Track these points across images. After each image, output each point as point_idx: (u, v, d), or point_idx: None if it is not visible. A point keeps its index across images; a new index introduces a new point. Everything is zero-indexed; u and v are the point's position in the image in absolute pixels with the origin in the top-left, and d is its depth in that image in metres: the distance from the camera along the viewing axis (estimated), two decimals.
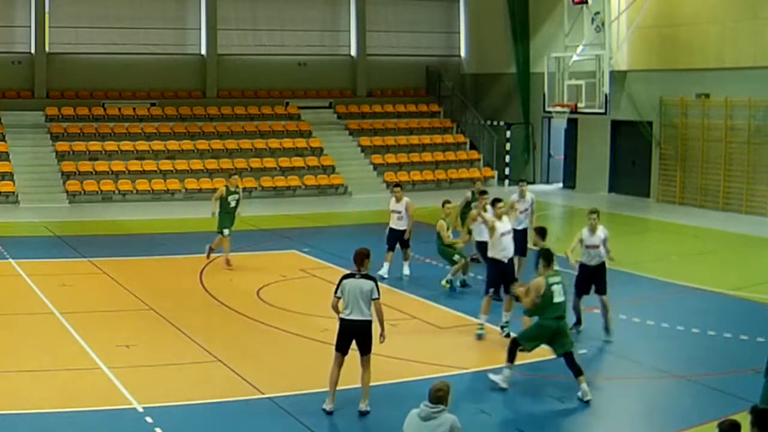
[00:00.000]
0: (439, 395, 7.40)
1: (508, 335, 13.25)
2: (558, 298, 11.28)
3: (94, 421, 10.17)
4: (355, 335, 10.57)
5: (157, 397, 10.80)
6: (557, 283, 11.32)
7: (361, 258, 10.62)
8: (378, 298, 10.61)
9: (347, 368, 10.58)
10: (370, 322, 10.62)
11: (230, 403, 10.83)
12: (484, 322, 13.86)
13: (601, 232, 13.72)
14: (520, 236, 16.13)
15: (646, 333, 14.03)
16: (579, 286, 13.77)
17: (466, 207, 18.02)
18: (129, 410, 10.38)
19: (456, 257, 16.67)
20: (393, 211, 17.78)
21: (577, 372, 11.07)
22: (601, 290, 13.56)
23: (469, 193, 18.66)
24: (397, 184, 18.90)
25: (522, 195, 17.33)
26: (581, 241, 13.74)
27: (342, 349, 10.62)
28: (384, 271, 17.34)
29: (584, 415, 10.88)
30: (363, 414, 10.52)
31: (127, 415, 10.24)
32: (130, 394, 10.82)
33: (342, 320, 10.64)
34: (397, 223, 17.70)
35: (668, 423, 10.58)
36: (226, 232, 18.47)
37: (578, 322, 13.89)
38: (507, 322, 13.70)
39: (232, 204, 18.85)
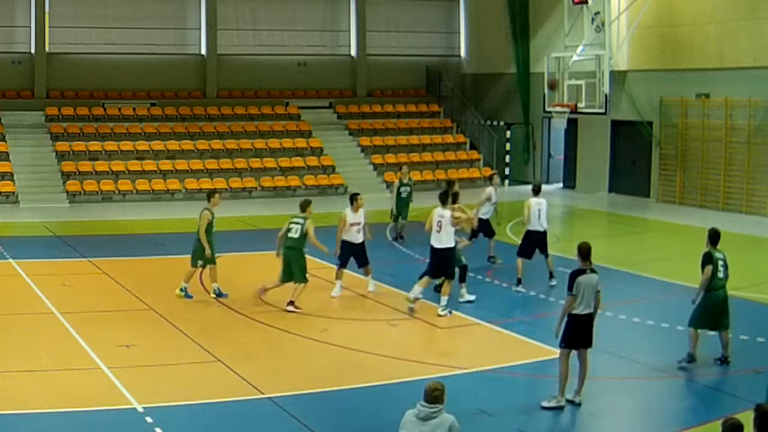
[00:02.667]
0: (435, 395, 7.40)
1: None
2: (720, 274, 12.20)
3: (94, 421, 10.18)
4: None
5: (157, 397, 10.80)
6: (720, 258, 12.20)
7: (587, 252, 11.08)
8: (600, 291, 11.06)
9: (346, 368, 10.58)
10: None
11: (230, 403, 10.83)
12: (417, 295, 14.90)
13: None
14: (544, 237, 17.16)
15: (646, 333, 14.03)
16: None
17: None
18: (129, 410, 10.38)
19: (307, 276, 15.40)
20: (352, 224, 16.20)
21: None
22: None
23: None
24: (357, 194, 16.89)
25: (496, 187, 19.39)
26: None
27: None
28: (336, 291, 16.30)
29: (584, 415, 10.88)
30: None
31: (127, 415, 10.24)
32: (130, 394, 10.83)
33: (576, 316, 10.85)
34: (355, 237, 16.24)
35: (668, 423, 10.58)
36: (200, 263, 15.93)
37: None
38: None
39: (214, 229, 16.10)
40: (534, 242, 17.00)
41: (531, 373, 12.16)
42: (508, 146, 34.40)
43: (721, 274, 12.17)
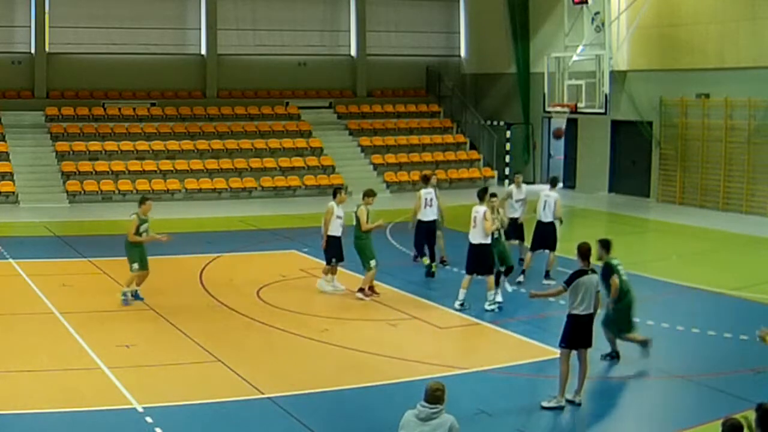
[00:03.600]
0: (437, 395, 7.39)
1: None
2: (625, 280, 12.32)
3: (94, 421, 10.18)
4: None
5: (157, 397, 10.80)
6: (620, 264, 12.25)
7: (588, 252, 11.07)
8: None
9: (346, 368, 10.58)
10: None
11: (230, 403, 10.83)
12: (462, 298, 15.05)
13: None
14: (550, 229, 17.26)
15: (647, 333, 14.00)
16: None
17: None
18: (129, 410, 10.38)
19: (372, 263, 15.78)
20: (338, 217, 16.30)
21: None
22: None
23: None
24: (339, 187, 17.23)
25: (518, 185, 18.62)
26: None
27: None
28: (327, 286, 16.42)
29: (584, 415, 10.88)
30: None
31: (127, 415, 10.24)
32: (130, 394, 10.82)
33: (576, 316, 10.86)
34: (340, 230, 16.31)
35: (668, 423, 10.58)
36: (135, 266, 15.54)
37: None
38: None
39: (143, 235, 15.74)
40: (539, 234, 17.32)
41: (531, 373, 12.16)
42: (508, 146, 34.39)
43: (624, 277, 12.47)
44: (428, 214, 18.06)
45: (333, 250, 16.26)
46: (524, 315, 15.21)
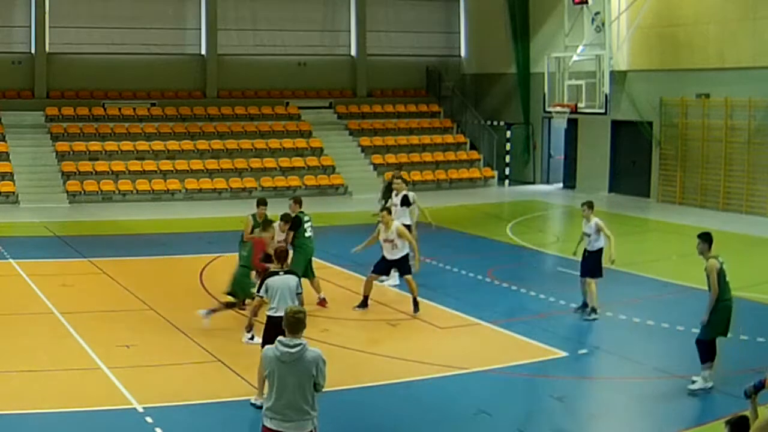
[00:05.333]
0: (299, 317, 7.54)
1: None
2: (727, 278, 11.40)
3: (94, 421, 10.18)
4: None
5: (157, 397, 10.80)
6: (723, 263, 11.42)
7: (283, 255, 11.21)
8: (301, 293, 11.04)
9: (346, 368, 10.58)
10: None
11: (230, 403, 10.83)
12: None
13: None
14: (593, 258, 14.93)
15: (646, 333, 14.03)
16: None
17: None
18: (129, 410, 10.38)
19: (253, 290, 13.18)
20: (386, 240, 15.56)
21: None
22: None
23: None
24: (386, 208, 16.28)
25: (587, 219, 15.22)
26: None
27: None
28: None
29: (584, 415, 10.89)
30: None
31: (127, 415, 10.24)
32: (130, 394, 10.83)
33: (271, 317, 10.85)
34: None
35: (668, 423, 10.58)
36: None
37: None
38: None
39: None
40: (584, 261, 15.10)
41: (531, 373, 12.16)
42: (508, 146, 34.41)
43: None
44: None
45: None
46: (524, 315, 15.21)
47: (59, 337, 13.36)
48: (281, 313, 9.91)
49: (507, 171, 34.25)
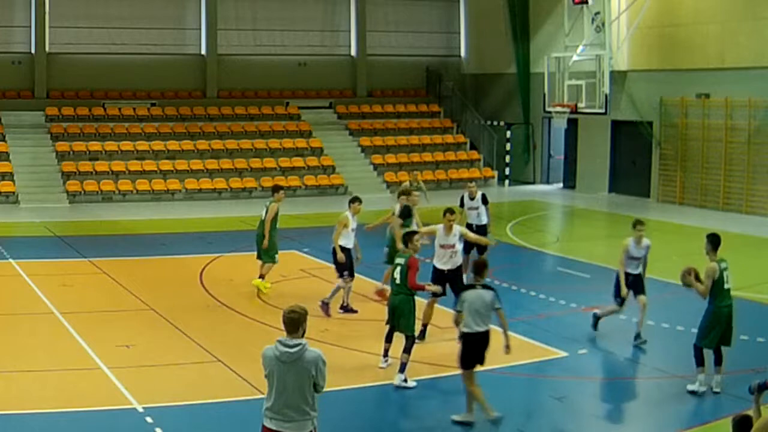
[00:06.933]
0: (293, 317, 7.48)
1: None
2: (727, 285, 11.27)
3: (94, 421, 10.17)
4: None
5: (157, 397, 10.80)
6: (726, 269, 11.25)
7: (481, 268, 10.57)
8: (501, 308, 10.47)
9: (346, 368, 10.56)
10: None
11: (230, 403, 10.83)
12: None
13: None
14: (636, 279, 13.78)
15: (647, 333, 14.00)
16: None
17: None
18: (129, 410, 10.37)
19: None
20: (352, 229, 15.33)
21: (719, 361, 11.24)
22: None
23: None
24: (356, 198, 15.86)
25: (638, 240, 13.66)
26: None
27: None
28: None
29: (584, 415, 10.88)
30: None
31: (127, 415, 10.23)
32: (130, 394, 10.82)
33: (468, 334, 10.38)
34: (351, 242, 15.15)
35: (668, 423, 10.57)
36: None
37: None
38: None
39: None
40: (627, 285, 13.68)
41: (531, 373, 12.15)
42: (508, 146, 34.40)
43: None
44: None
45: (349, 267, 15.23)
46: (524, 315, 15.20)
47: (59, 337, 13.36)
48: (471, 330, 10.22)
49: (507, 171, 34.24)
